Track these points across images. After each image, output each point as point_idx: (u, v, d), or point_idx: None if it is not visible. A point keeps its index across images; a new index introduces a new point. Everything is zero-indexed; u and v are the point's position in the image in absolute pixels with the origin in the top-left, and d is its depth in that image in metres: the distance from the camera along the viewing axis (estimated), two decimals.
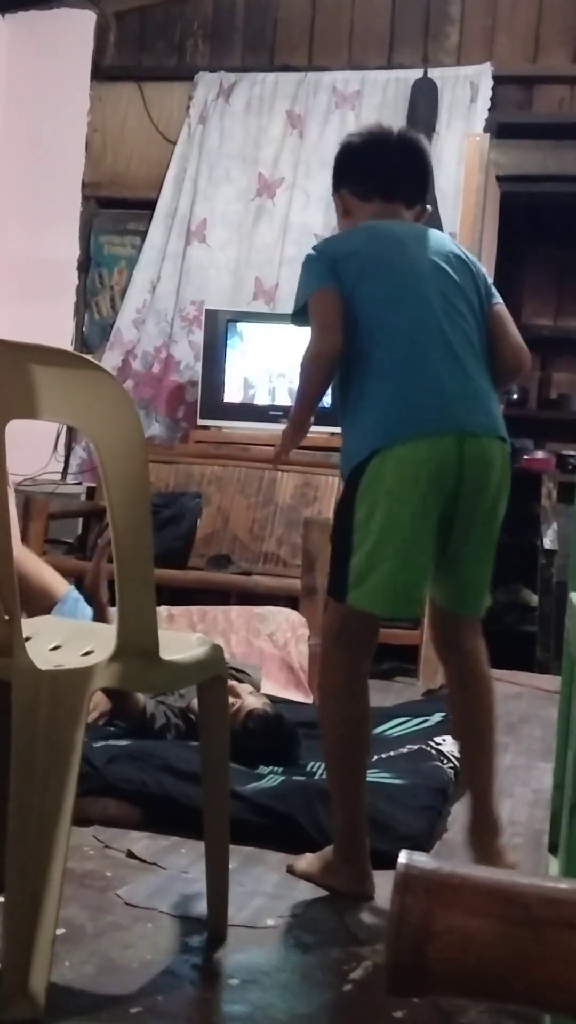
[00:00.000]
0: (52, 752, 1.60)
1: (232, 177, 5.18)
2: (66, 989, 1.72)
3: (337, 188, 2.31)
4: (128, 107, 5.37)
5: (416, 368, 2.10)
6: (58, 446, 5.24)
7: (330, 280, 2.13)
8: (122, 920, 2.00)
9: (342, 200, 2.29)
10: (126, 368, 5.16)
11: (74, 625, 2.16)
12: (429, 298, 2.14)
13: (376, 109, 5.02)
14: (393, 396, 2.10)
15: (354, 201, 2.27)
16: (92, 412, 1.63)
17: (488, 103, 4.89)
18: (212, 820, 1.96)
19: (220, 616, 3.95)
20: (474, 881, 0.77)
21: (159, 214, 5.23)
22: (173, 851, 2.36)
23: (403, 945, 0.75)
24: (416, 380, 2.09)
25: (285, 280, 5.06)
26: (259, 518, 4.61)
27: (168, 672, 1.77)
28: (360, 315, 2.13)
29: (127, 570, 1.69)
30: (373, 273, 2.14)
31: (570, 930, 0.74)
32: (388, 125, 2.38)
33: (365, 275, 2.14)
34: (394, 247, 2.18)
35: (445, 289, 2.16)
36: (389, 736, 3.17)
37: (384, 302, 2.13)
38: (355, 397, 2.16)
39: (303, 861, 2.29)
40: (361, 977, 1.85)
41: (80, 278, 5.43)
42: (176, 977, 1.80)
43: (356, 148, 2.30)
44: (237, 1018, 1.71)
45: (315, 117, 5.09)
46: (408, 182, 2.29)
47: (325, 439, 4.76)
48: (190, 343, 5.12)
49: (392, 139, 2.29)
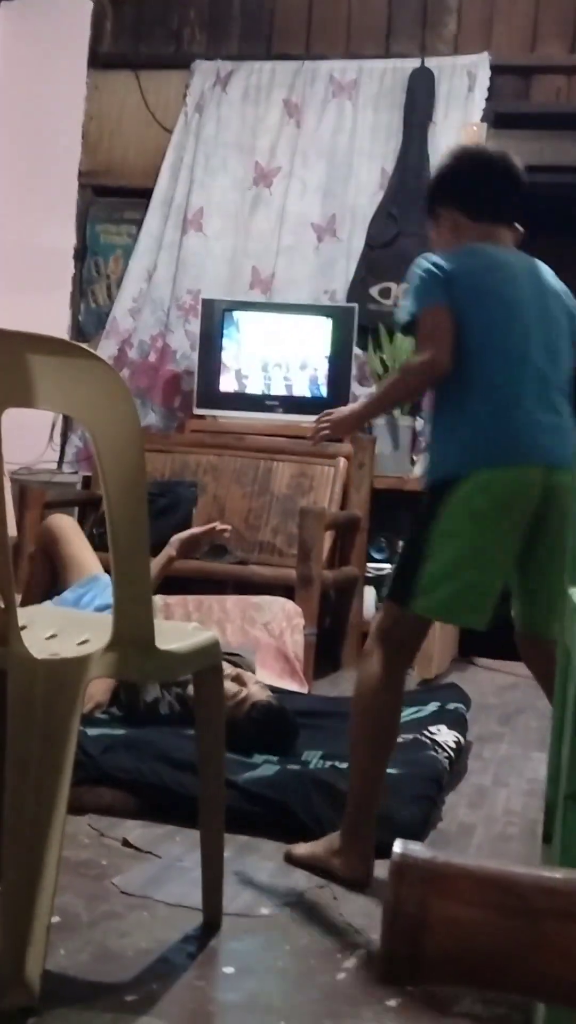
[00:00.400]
0: (48, 741, 1.60)
1: (229, 166, 5.16)
2: (61, 977, 1.72)
3: (444, 205, 2.37)
4: (125, 95, 5.36)
5: (513, 400, 2.20)
6: (54, 435, 5.24)
7: (444, 298, 2.21)
8: (117, 908, 2.01)
9: (450, 217, 2.36)
10: (122, 357, 5.15)
11: (70, 614, 2.16)
12: (531, 333, 2.24)
13: (373, 99, 5.01)
14: (491, 422, 2.20)
15: (463, 220, 2.34)
16: (88, 401, 1.63)
17: (485, 93, 4.88)
18: (207, 809, 1.97)
19: (216, 605, 3.96)
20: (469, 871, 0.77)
21: (155, 203, 5.21)
22: (168, 840, 2.36)
23: (398, 935, 0.75)
24: (513, 412, 2.20)
25: (282, 269, 5.06)
26: (255, 507, 4.61)
27: (164, 662, 1.77)
28: (467, 337, 2.21)
29: (123, 559, 1.69)
30: (485, 300, 2.23)
31: (565, 920, 0.74)
32: (486, 146, 2.47)
33: (477, 301, 2.23)
34: (507, 277, 2.28)
35: (547, 326, 2.28)
36: None
37: (491, 330, 2.22)
38: (453, 412, 2.25)
39: (301, 848, 2.30)
40: (355, 965, 1.86)
41: (76, 267, 5.42)
42: (171, 965, 1.81)
43: (466, 168, 2.37)
44: (232, 1006, 1.72)
45: (312, 106, 5.08)
46: (514, 204, 2.37)
47: None
48: (186, 332, 5.11)
49: (499, 161, 2.36)
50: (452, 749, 2.98)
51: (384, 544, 4.81)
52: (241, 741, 2.75)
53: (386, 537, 4.80)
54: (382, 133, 5.00)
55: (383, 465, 4.73)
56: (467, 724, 3.35)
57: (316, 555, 4.02)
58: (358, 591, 4.58)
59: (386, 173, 4.99)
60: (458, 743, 3.06)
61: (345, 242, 5.01)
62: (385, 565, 4.78)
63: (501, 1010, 1.72)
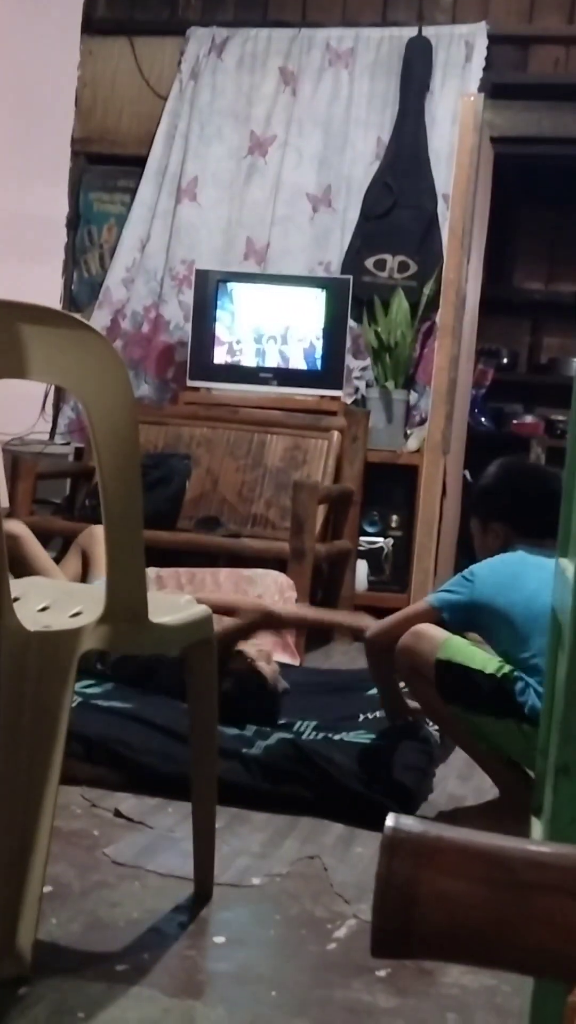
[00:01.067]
0: (40, 712, 1.60)
1: (224, 134, 5.12)
2: (53, 946, 1.73)
3: (497, 520, 2.65)
4: (119, 62, 5.31)
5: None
6: (46, 406, 5.22)
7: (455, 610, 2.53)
8: (109, 878, 2.01)
9: (502, 532, 2.63)
10: (115, 328, 5.13)
11: (63, 586, 2.16)
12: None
13: (370, 67, 4.97)
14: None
15: (513, 535, 2.60)
16: (82, 373, 1.62)
17: (483, 63, 4.84)
18: (199, 780, 1.97)
19: (208, 578, 3.96)
20: (461, 844, 0.78)
21: (149, 171, 5.17)
22: (160, 810, 2.37)
23: (389, 908, 0.75)
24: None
25: (276, 240, 5.03)
26: (248, 480, 4.60)
27: (157, 634, 1.77)
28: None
29: (116, 532, 1.68)
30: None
31: (555, 894, 0.74)
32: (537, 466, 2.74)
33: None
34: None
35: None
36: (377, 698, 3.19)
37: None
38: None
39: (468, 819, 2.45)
40: (345, 936, 1.87)
41: (69, 235, 5.38)
42: (162, 935, 1.82)
43: (529, 492, 2.63)
44: (222, 975, 1.73)
45: (308, 74, 5.03)
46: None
47: (315, 402, 4.75)
48: (180, 303, 5.08)
49: (554, 482, 2.54)
50: None
51: (377, 518, 4.81)
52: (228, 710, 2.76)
53: (379, 511, 4.80)
54: (378, 102, 4.97)
55: (376, 439, 4.72)
56: None
57: (309, 528, 4.02)
58: (350, 564, 4.59)
59: (382, 143, 4.95)
60: None
61: (340, 213, 4.99)
62: (378, 539, 4.78)
63: (490, 981, 1.73)
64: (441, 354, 4.66)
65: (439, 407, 4.59)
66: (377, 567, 4.75)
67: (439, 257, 4.77)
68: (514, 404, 6.34)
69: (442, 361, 4.65)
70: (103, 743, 2.55)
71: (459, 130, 4.66)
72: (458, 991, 1.71)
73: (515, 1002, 1.66)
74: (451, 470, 4.79)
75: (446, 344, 4.65)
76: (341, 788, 2.45)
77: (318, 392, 4.77)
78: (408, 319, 4.76)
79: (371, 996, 1.67)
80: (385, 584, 4.76)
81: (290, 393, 4.74)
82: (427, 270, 4.83)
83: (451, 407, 4.62)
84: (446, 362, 4.65)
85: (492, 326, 6.01)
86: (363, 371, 4.94)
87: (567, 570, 1.55)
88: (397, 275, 4.89)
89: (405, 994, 1.68)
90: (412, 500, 4.70)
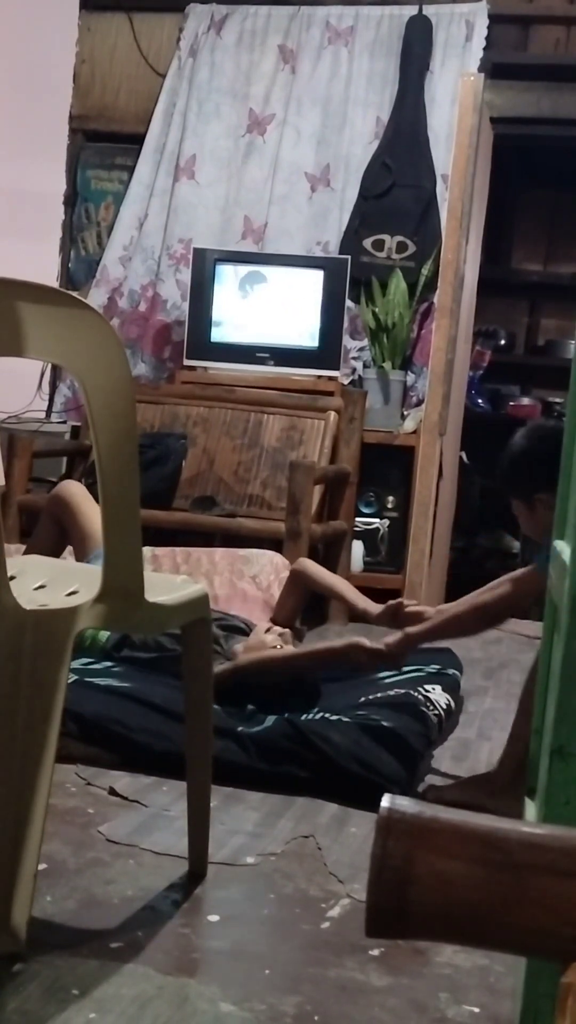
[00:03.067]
0: (36, 691, 1.60)
1: (222, 113, 5.10)
2: (47, 923, 1.74)
3: (544, 491, 2.42)
4: (117, 38, 5.27)
5: None
6: (42, 384, 5.21)
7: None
8: (104, 856, 2.02)
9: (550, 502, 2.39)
10: (112, 306, 5.11)
11: (59, 565, 2.16)
12: None
13: (369, 46, 4.94)
14: None
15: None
16: (79, 351, 1.61)
17: (483, 42, 4.82)
18: (194, 759, 1.98)
19: (204, 557, 3.96)
20: (456, 825, 0.78)
21: (147, 149, 5.15)
22: (155, 789, 2.38)
23: (384, 888, 0.76)
24: None
25: (274, 219, 5.01)
26: (244, 460, 4.60)
27: (153, 614, 1.77)
28: None
29: (113, 511, 1.68)
30: None
31: (549, 875, 0.74)
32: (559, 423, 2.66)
33: None
34: None
35: None
36: (382, 682, 3.20)
37: None
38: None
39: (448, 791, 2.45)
40: (339, 915, 1.88)
41: (66, 213, 5.36)
42: (156, 913, 1.82)
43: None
44: (216, 953, 1.74)
45: (308, 53, 5.01)
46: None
47: (312, 382, 4.74)
48: (177, 282, 5.07)
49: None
50: (444, 709, 3.00)
51: (373, 498, 4.81)
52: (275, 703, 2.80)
53: (375, 492, 4.80)
54: (378, 81, 4.94)
55: (373, 419, 4.72)
56: (459, 692, 3.36)
57: (305, 509, 4.02)
58: (346, 545, 4.59)
59: (381, 122, 4.93)
60: (450, 705, 3.08)
61: (339, 192, 4.97)
62: (374, 519, 4.78)
63: (483, 961, 1.74)
64: (439, 335, 4.65)
65: (436, 388, 4.58)
66: (373, 548, 4.75)
67: (437, 237, 4.76)
68: (511, 386, 6.34)
69: (439, 342, 4.64)
70: (98, 721, 2.56)
71: (459, 110, 4.64)
72: (451, 971, 1.72)
73: (508, 982, 1.68)
74: (448, 451, 4.79)
75: (444, 325, 4.64)
76: (337, 768, 2.46)
77: (315, 372, 4.76)
78: (406, 300, 4.75)
79: (364, 975, 1.68)
80: (381, 565, 4.76)
81: (287, 373, 4.73)
82: (425, 251, 4.81)
83: (448, 388, 4.62)
84: (444, 343, 4.64)
85: (490, 307, 6.00)
86: (360, 352, 4.93)
87: (563, 552, 1.55)
88: (395, 255, 4.88)
89: (398, 973, 1.69)
90: (408, 481, 4.70)
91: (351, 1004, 1.59)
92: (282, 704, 2.80)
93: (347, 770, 2.45)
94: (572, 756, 1.31)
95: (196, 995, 1.57)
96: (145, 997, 1.55)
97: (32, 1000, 1.51)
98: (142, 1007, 1.52)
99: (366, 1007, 1.59)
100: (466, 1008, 1.62)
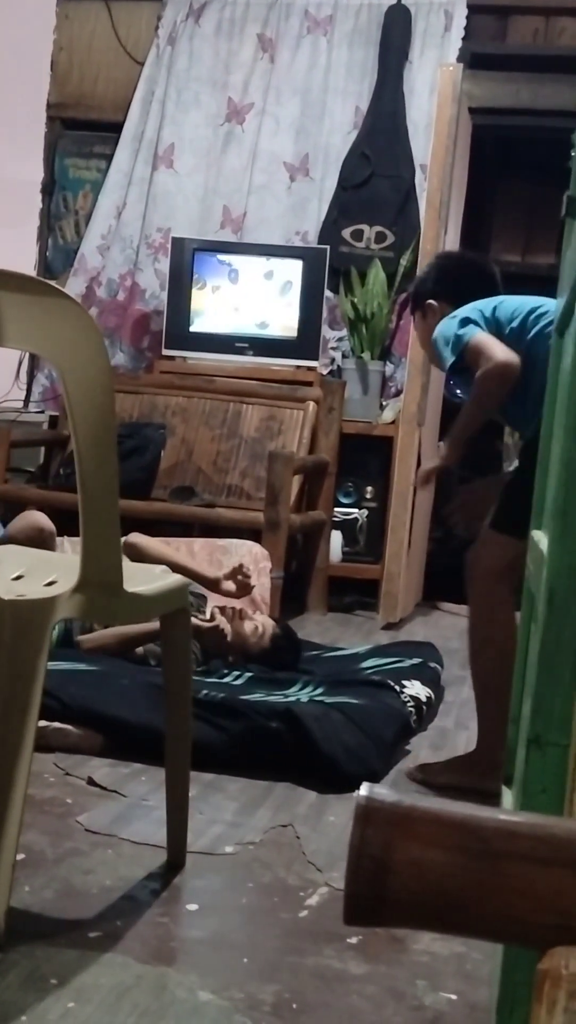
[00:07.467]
0: (14, 681, 1.60)
1: (201, 101, 5.08)
2: (25, 913, 1.74)
3: (437, 299, 2.80)
4: (95, 26, 5.24)
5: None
6: (20, 373, 5.18)
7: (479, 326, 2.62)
8: (82, 846, 2.02)
9: (440, 311, 2.76)
10: (90, 296, 5.09)
11: (37, 555, 2.15)
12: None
13: (348, 35, 4.93)
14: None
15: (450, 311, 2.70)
16: (58, 341, 1.61)
17: (462, 32, 4.81)
18: (173, 748, 1.98)
19: (183, 548, 3.95)
20: (434, 813, 0.78)
21: (125, 137, 5.12)
22: (133, 779, 2.38)
23: (362, 876, 0.76)
24: None
25: (253, 209, 5.00)
26: (223, 450, 4.60)
27: (132, 604, 1.77)
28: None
29: (91, 501, 1.68)
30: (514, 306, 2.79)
31: (527, 863, 0.75)
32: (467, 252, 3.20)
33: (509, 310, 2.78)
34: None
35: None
36: (362, 671, 3.22)
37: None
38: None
39: (429, 771, 2.51)
40: (317, 904, 1.88)
41: (44, 201, 5.33)
42: (135, 902, 1.83)
43: (466, 271, 2.91)
44: (195, 942, 1.74)
45: (286, 42, 4.99)
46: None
47: (291, 372, 4.74)
48: (156, 271, 5.05)
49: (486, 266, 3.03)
50: (422, 703, 3.01)
51: (352, 489, 4.81)
52: (274, 665, 3.16)
53: (354, 482, 4.81)
54: (357, 71, 4.93)
55: (352, 410, 4.72)
56: (441, 685, 3.38)
57: (284, 499, 4.02)
58: (325, 535, 4.60)
59: (360, 112, 4.92)
60: (429, 699, 3.09)
61: (318, 182, 4.96)
62: (352, 509, 4.79)
63: (460, 948, 1.75)
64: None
65: (415, 379, 4.58)
66: (351, 538, 4.76)
67: (416, 228, 4.76)
68: None
69: None
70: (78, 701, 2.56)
71: (437, 100, 4.63)
72: (428, 958, 1.73)
73: (485, 969, 1.69)
74: (426, 442, 4.80)
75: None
76: (318, 755, 2.46)
77: (294, 362, 4.76)
78: (385, 290, 4.75)
79: (342, 963, 1.69)
80: (359, 555, 4.77)
81: (266, 363, 4.73)
82: (404, 241, 4.81)
83: (427, 379, 4.62)
84: None
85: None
86: (339, 342, 4.93)
87: (540, 542, 1.56)
88: (374, 246, 4.87)
89: (376, 961, 1.70)
90: (387, 471, 4.70)
91: (329, 992, 1.60)
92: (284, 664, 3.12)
93: (325, 756, 2.45)
94: (548, 745, 1.32)
95: (175, 984, 1.58)
96: (124, 986, 1.55)
97: (11, 990, 1.51)
98: (120, 996, 1.52)
99: (344, 995, 1.60)
100: (443, 995, 1.63)
